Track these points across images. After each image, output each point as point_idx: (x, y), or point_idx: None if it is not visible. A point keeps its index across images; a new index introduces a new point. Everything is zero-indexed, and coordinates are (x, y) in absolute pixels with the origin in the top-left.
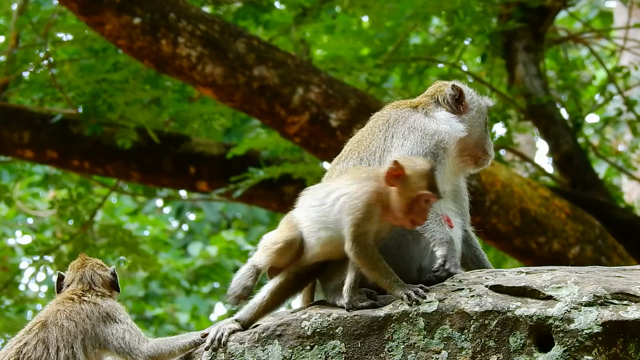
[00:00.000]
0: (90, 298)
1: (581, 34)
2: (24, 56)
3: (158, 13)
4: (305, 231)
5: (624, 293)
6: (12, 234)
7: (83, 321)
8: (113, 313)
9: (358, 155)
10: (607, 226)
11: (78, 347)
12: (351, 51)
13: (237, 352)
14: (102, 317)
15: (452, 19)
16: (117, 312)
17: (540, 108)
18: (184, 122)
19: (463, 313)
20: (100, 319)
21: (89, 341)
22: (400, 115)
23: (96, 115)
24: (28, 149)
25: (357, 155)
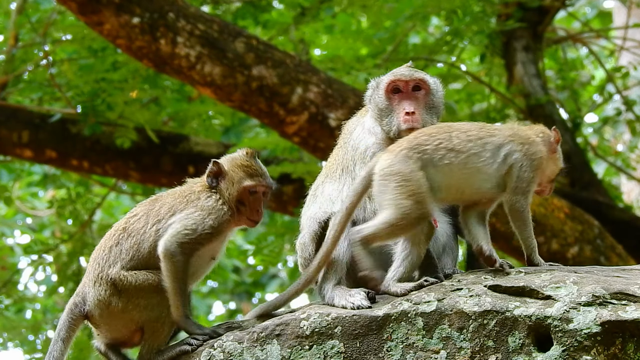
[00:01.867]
0: (200, 192)
1: (580, 33)
2: (23, 55)
3: (157, 12)
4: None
5: (622, 293)
6: (11, 234)
7: (180, 203)
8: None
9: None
10: (606, 226)
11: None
12: (350, 51)
13: (235, 352)
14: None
15: (451, 18)
16: (196, 209)
17: (539, 108)
18: (182, 121)
19: (462, 313)
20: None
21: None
22: (351, 122)
23: (95, 114)
24: (27, 149)
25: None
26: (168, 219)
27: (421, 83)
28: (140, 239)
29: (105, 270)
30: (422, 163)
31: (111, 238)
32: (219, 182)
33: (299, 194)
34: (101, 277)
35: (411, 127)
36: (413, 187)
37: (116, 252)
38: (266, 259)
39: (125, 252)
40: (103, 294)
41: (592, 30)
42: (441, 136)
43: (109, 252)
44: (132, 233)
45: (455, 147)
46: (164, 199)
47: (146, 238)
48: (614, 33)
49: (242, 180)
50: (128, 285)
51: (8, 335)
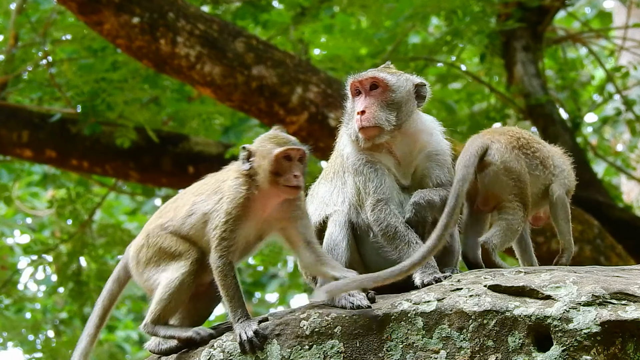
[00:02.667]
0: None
1: (580, 33)
2: (22, 55)
3: (157, 12)
4: None
5: (622, 293)
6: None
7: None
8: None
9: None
10: (606, 226)
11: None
12: (350, 51)
13: (235, 352)
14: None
15: (451, 18)
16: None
17: (539, 107)
18: (182, 121)
19: (462, 313)
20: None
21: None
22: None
23: (95, 114)
24: (27, 148)
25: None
26: (201, 200)
27: (376, 81)
28: (182, 204)
29: (149, 225)
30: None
31: (174, 197)
32: (252, 163)
33: None
34: (147, 226)
35: (362, 127)
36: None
37: (167, 208)
38: (266, 258)
39: (169, 210)
40: (139, 240)
41: (592, 30)
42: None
43: (163, 208)
44: (184, 195)
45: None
46: (214, 177)
47: (185, 205)
48: (613, 33)
49: (272, 150)
50: (156, 242)
51: (8, 335)
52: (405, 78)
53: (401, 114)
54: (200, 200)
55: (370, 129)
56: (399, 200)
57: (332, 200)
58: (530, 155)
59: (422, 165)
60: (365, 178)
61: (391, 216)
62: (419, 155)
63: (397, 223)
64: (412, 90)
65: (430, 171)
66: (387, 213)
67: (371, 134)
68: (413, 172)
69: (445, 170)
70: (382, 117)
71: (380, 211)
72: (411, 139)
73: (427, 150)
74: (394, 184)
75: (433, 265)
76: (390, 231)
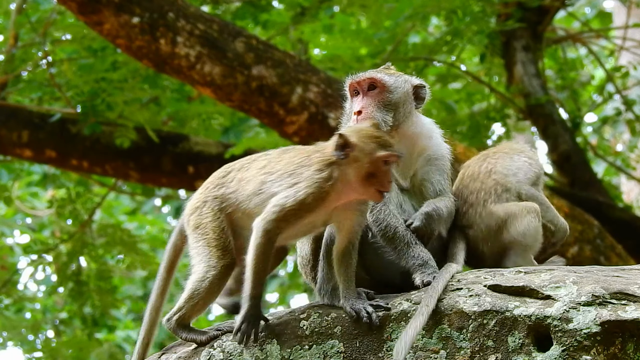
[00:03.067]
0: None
1: (580, 33)
2: (22, 55)
3: (157, 12)
4: None
5: (622, 293)
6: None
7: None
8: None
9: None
10: (606, 226)
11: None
12: (349, 50)
13: (235, 352)
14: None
15: (451, 18)
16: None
17: (538, 107)
18: (182, 121)
19: (462, 312)
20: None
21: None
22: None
23: (95, 114)
24: (27, 148)
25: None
26: (273, 179)
27: (373, 81)
28: (249, 178)
29: (209, 190)
30: None
31: (238, 163)
32: (347, 154)
33: None
34: (206, 190)
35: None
36: None
37: (230, 178)
38: None
39: (234, 183)
40: (197, 201)
41: (592, 30)
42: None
43: (226, 175)
44: (250, 168)
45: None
46: (289, 153)
47: (252, 180)
48: (613, 33)
49: (375, 151)
50: (208, 215)
51: (8, 334)
52: (403, 79)
53: (398, 115)
54: (270, 181)
55: None
56: (398, 202)
57: None
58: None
59: (422, 169)
60: None
61: (390, 217)
62: (419, 158)
63: (396, 224)
64: (411, 92)
65: (431, 176)
66: (386, 214)
67: None
68: (412, 175)
69: (445, 176)
70: (379, 117)
71: (380, 212)
72: (410, 141)
73: (427, 153)
74: (393, 185)
75: (433, 266)
76: (389, 232)
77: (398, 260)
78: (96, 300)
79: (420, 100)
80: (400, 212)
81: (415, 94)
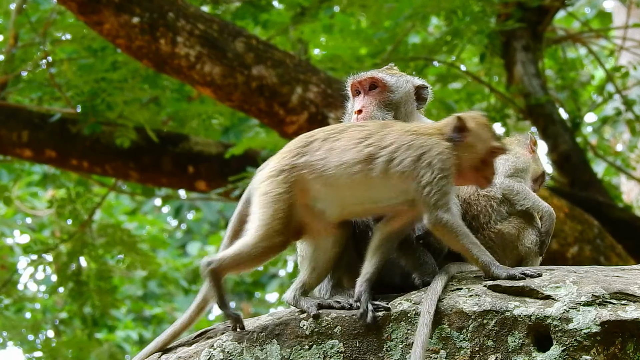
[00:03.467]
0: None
1: (580, 33)
2: (22, 55)
3: (157, 12)
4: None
5: (622, 293)
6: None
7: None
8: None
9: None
10: (606, 226)
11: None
12: (349, 50)
13: (235, 352)
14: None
15: (450, 18)
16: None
17: (538, 107)
18: (182, 121)
19: (461, 312)
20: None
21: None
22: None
23: (95, 114)
24: (27, 148)
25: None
26: (390, 151)
27: (375, 81)
28: (345, 147)
29: (287, 158)
30: None
31: (321, 133)
32: (463, 138)
33: None
34: (283, 159)
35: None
36: None
37: (314, 147)
38: None
39: (321, 152)
40: (272, 170)
41: (592, 30)
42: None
43: (308, 144)
44: (343, 138)
45: None
46: (394, 127)
47: (352, 150)
48: (613, 33)
49: (490, 140)
50: (272, 188)
51: (8, 334)
52: (405, 79)
53: (399, 114)
54: (386, 153)
55: None
56: None
57: None
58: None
59: None
60: None
61: None
62: None
63: None
64: (412, 92)
65: None
66: None
67: None
68: None
69: None
70: (379, 116)
71: None
72: None
73: None
74: None
75: (432, 265)
76: None
77: (397, 260)
78: (96, 300)
79: (422, 101)
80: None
81: (417, 94)
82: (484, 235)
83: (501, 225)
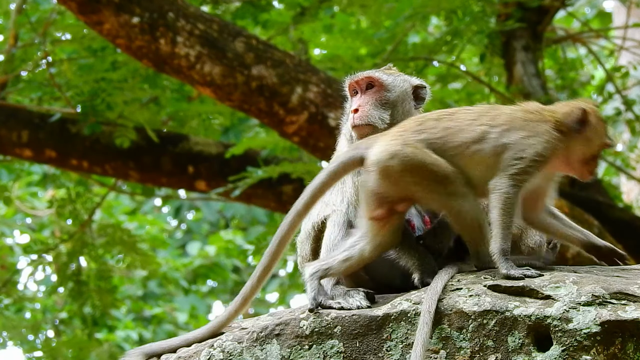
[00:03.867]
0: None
1: (580, 33)
2: (22, 55)
3: (157, 12)
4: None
5: (622, 293)
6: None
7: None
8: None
9: None
10: (606, 226)
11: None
12: (349, 50)
13: (235, 352)
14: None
15: (450, 18)
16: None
17: None
18: (182, 121)
19: (461, 312)
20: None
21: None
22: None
23: (95, 114)
24: (26, 148)
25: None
26: (501, 131)
27: (371, 80)
28: (459, 127)
29: (407, 135)
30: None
31: (432, 114)
32: (582, 130)
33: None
34: (401, 136)
35: (354, 124)
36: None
37: (429, 125)
38: None
39: (438, 130)
40: (392, 149)
41: (592, 30)
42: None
43: (422, 123)
44: (456, 119)
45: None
46: (503, 110)
47: (466, 130)
48: (613, 33)
49: (604, 137)
50: (410, 159)
51: (8, 334)
52: (403, 79)
53: (396, 113)
54: (496, 132)
55: (363, 127)
56: None
57: (331, 201)
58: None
59: None
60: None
61: None
62: None
63: None
64: (410, 91)
65: None
66: None
67: (364, 132)
68: None
69: None
70: (376, 115)
71: None
72: None
73: None
74: None
75: (432, 265)
76: None
77: (397, 260)
78: (96, 300)
79: (420, 100)
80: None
81: (415, 93)
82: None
83: None
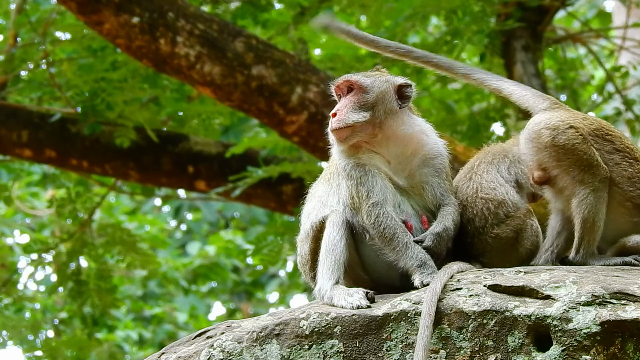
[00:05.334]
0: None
1: (580, 33)
2: (22, 55)
3: (156, 12)
4: None
5: (622, 293)
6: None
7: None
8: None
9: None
10: None
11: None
12: (349, 50)
13: (235, 352)
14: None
15: (450, 18)
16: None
17: None
18: (182, 121)
19: (461, 312)
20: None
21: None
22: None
23: (95, 114)
24: (26, 148)
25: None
26: None
27: (350, 83)
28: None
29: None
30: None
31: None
32: None
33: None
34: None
35: (332, 128)
36: None
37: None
38: (265, 258)
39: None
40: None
41: (592, 30)
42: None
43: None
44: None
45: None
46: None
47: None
48: (613, 33)
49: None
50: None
51: (8, 334)
52: (384, 79)
53: (378, 114)
54: None
55: (342, 130)
56: (396, 202)
57: (329, 201)
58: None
59: (420, 171)
60: (357, 182)
61: (388, 219)
62: (414, 158)
63: (395, 225)
64: (391, 91)
65: (429, 179)
66: (384, 216)
67: (342, 135)
68: (410, 175)
69: (444, 176)
70: (354, 117)
71: (377, 215)
72: (401, 140)
73: (422, 153)
74: (388, 184)
75: (432, 266)
76: (388, 234)
77: (397, 262)
78: (96, 300)
79: (406, 99)
80: (399, 212)
81: (399, 92)
82: (481, 240)
83: (499, 229)
